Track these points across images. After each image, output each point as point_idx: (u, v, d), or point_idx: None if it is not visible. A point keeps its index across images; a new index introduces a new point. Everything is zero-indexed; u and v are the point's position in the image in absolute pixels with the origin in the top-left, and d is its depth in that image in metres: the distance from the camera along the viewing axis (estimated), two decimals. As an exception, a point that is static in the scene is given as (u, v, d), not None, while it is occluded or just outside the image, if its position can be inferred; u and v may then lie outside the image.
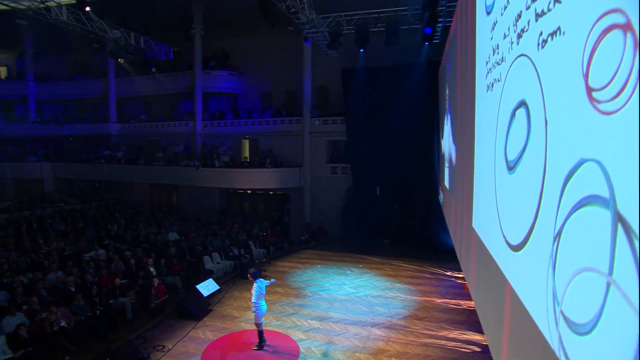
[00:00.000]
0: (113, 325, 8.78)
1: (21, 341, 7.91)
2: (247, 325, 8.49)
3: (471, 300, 9.83)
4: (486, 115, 3.71)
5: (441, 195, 12.13)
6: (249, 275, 7.49)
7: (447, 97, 9.75)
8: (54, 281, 10.47)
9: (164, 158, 20.40)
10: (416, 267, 12.64)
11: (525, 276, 2.39)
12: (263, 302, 7.38)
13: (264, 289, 7.43)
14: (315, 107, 18.64)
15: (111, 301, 9.57)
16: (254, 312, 7.30)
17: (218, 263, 13.56)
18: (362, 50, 13.93)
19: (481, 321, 4.01)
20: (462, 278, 11.56)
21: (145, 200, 22.43)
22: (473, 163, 4.65)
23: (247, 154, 20.20)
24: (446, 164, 9.82)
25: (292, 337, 7.93)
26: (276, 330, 8.23)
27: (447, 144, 9.54)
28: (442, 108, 11.63)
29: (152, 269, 11.34)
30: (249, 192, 20.88)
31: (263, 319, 7.59)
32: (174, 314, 8.97)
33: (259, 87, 21.17)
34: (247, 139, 20.35)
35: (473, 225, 4.63)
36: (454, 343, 7.63)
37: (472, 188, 4.71)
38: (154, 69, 16.37)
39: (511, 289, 2.65)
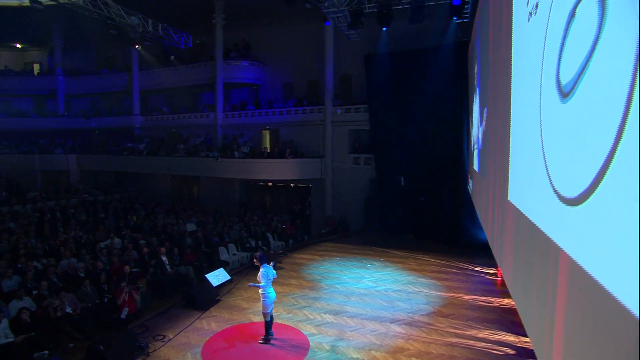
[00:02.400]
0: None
1: (24, 325, 7.63)
2: (256, 317, 7.90)
3: (504, 297, 8.90)
4: (528, 48, 2.91)
5: (471, 183, 11.17)
6: (255, 260, 6.87)
7: (476, 73, 8.83)
8: (65, 267, 10.31)
9: (184, 149, 20.22)
10: (442, 262, 11.73)
11: (592, 238, 1.61)
12: (271, 289, 6.75)
13: (272, 275, 6.80)
14: (337, 96, 17.94)
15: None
16: (262, 300, 6.68)
17: (234, 254, 13.11)
18: (384, 29, 13.09)
19: (521, 313, 3.20)
20: (493, 274, 10.58)
21: (167, 193, 22.40)
22: (509, 123, 3.83)
23: (267, 144, 19.72)
24: (476, 146, 8.90)
25: (302, 331, 7.27)
26: (286, 323, 7.60)
27: (476, 123, 8.63)
28: (472, 88, 10.67)
29: (164, 258, 10.97)
30: (270, 184, 20.40)
31: (273, 310, 6.97)
32: (180, 303, 8.50)
33: (281, 78, 20.66)
34: (267, 129, 19.88)
35: (509, 198, 3.81)
36: (483, 344, 6.76)
37: (508, 155, 3.89)
38: (172, 57, 16.08)
39: (568, 259, 1.86)
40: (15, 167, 22.13)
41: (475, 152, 8.89)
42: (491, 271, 10.83)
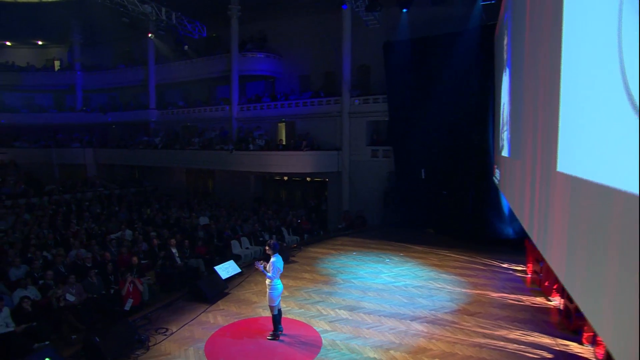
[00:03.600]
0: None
1: (25, 315, 7.33)
2: (265, 312, 7.35)
3: (535, 296, 8.14)
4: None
5: (497, 174, 10.39)
6: (267, 247, 6.33)
7: (505, 47, 8.09)
8: (74, 258, 10.08)
9: (199, 143, 19.95)
10: (466, 258, 10.99)
11: None
12: (279, 281, 6.22)
13: (282, 267, 6.26)
14: (355, 87, 17.32)
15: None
16: (268, 292, 6.16)
17: (247, 248, 12.70)
18: (405, 10, 12.40)
19: (586, 312, 2.54)
20: (522, 271, 9.81)
21: (182, 188, 22.24)
22: (557, 91, 3.18)
23: (283, 137, 19.25)
24: (505, 128, 8.16)
25: (315, 328, 6.72)
26: (297, 318, 7.05)
27: (506, 103, 7.90)
28: (499, 68, 9.90)
29: (174, 250, 10.60)
30: (285, 179, 19.94)
31: (281, 303, 6.45)
32: (186, 295, 8.06)
33: (297, 70, 20.17)
34: (283, 122, 19.42)
35: (559, 169, 3.15)
36: (515, 345, 6.06)
37: (557, 123, 3.24)
38: (186, 47, 15.76)
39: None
40: (34, 161, 22.36)
41: (505, 135, 8.16)
42: (519, 268, 10.05)
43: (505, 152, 8.23)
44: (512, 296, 8.17)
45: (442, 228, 14.05)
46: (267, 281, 6.19)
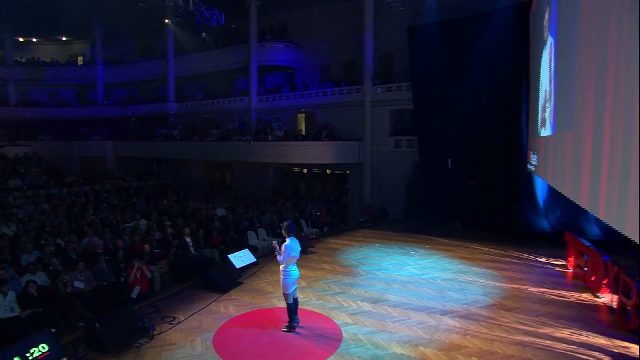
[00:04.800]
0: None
1: (31, 300, 6.98)
2: (281, 302, 6.79)
3: (581, 292, 7.30)
4: None
5: (534, 159, 9.52)
6: (282, 230, 5.75)
7: (549, 20, 7.28)
8: (86, 245, 9.79)
9: (217, 135, 19.62)
10: (497, 251, 10.16)
11: None
12: (295, 267, 5.64)
13: (298, 252, 5.67)
14: (377, 76, 16.59)
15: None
16: (282, 279, 5.58)
17: (264, 240, 12.19)
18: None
19: None
20: (562, 266, 8.94)
21: (200, 181, 22.00)
22: None
23: (302, 128, 18.69)
24: (547, 105, 7.36)
25: (335, 320, 6.09)
26: (315, 310, 6.44)
27: (548, 77, 7.10)
28: (536, 46, 9.05)
29: (188, 239, 10.17)
30: (305, 171, 19.37)
31: (298, 294, 5.86)
32: (197, 283, 7.56)
33: (318, 60, 19.57)
34: (303, 112, 18.87)
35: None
36: (564, 345, 5.29)
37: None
38: (204, 34, 15.38)
39: None
40: (56, 154, 22.62)
41: (547, 113, 7.35)
42: (558, 262, 9.18)
43: (547, 131, 7.43)
44: (554, 291, 7.35)
45: (470, 221, 13.20)
46: (281, 266, 5.61)
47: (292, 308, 5.68)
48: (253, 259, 8.98)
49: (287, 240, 5.59)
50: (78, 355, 5.03)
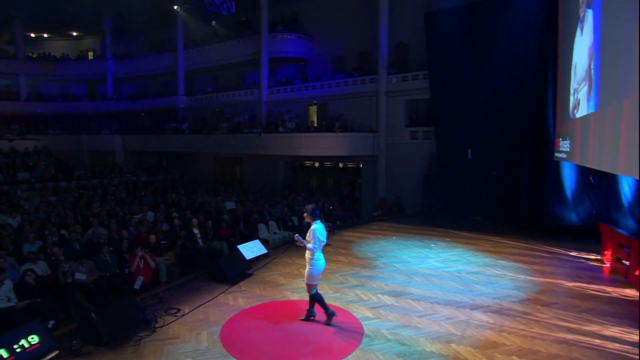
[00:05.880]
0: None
1: (30, 290, 6.58)
2: (294, 294, 6.28)
3: (623, 287, 6.64)
4: None
5: (563, 145, 8.83)
6: (305, 214, 5.20)
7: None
8: (90, 236, 9.40)
9: (227, 127, 19.19)
10: (523, 244, 9.51)
11: None
12: (322, 256, 5.09)
13: (325, 237, 5.13)
14: (392, 65, 15.97)
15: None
16: (308, 269, 5.04)
17: (275, 233, 11.70)
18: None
19: None
20: (597, 260, 8.26)
21: (210, 176, 21.61)
22: None
23: (314, 120, 18.16)
24: (585, 84, 6.71)
25: (354, 314, 5.55)
26: (333, 303, 5.89)
27: (586, 57, 6.45)
28: (568, 26, 8.37)
29: (196, 231, 9.72)
30: (316, 164, 18.83)
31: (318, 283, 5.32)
32: (204, 275, 7.07)
33: (330, 52, 19.00)
34: (315, 104, 18.33)
35: None
36: (616, 345, 4.67)
37: None
38: (214, 22, 14.94)
39: None
40: (65, 148, 22.49)
41: (583, 93, 6.70)
42: (592, 256, 8.50)
43: (584, 111, 6.78)
44: (593, 286, 6.71)
45: (491, 215, 12.51)
46: (308, 254, 5.05)
47: (318, 297, 5.13)
48: (264, 250, 8.48)
49: (314, 224, 5.05)
50: (72, 348, 4.56)
